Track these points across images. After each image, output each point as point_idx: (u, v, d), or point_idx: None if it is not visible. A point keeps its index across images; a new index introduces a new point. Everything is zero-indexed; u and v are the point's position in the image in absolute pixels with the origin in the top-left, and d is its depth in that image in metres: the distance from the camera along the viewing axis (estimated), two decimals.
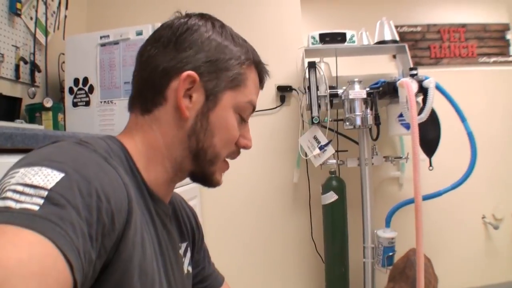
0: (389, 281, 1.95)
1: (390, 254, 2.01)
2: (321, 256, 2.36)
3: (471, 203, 2.50)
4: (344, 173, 2.26)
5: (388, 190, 2.50)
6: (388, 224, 2.12)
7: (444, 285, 2.04)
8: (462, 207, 2.48)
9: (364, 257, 2.10)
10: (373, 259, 2.07)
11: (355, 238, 2.18)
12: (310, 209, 2.42)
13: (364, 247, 2.10)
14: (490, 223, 2.51)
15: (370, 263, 2.07)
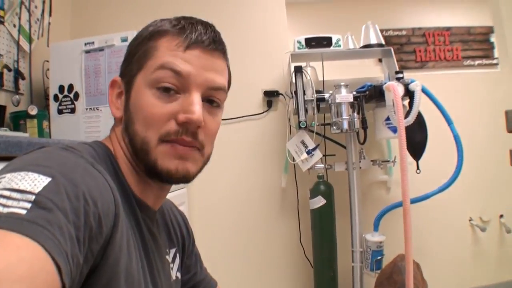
0: (376, 287, 1.96)
1: (379, 258, 2.02)
2: (310, 261, 2.36)
3: (458, 206, 2.52)
4: (332, 178, 2.26)
5: (376, 194, 2.51)
6: (376, 228, 2.12)
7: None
8: (449, 210, 2.49)
9: (353, 261, 2.09)
10: (362, 263, 2.07)
11: (344, 242, 2.18)
12: (299, 214, 2.42)
13: (353, 251, 2.10)
14: (477, 226, 2.52)
15: (359, 267, 2.07)
